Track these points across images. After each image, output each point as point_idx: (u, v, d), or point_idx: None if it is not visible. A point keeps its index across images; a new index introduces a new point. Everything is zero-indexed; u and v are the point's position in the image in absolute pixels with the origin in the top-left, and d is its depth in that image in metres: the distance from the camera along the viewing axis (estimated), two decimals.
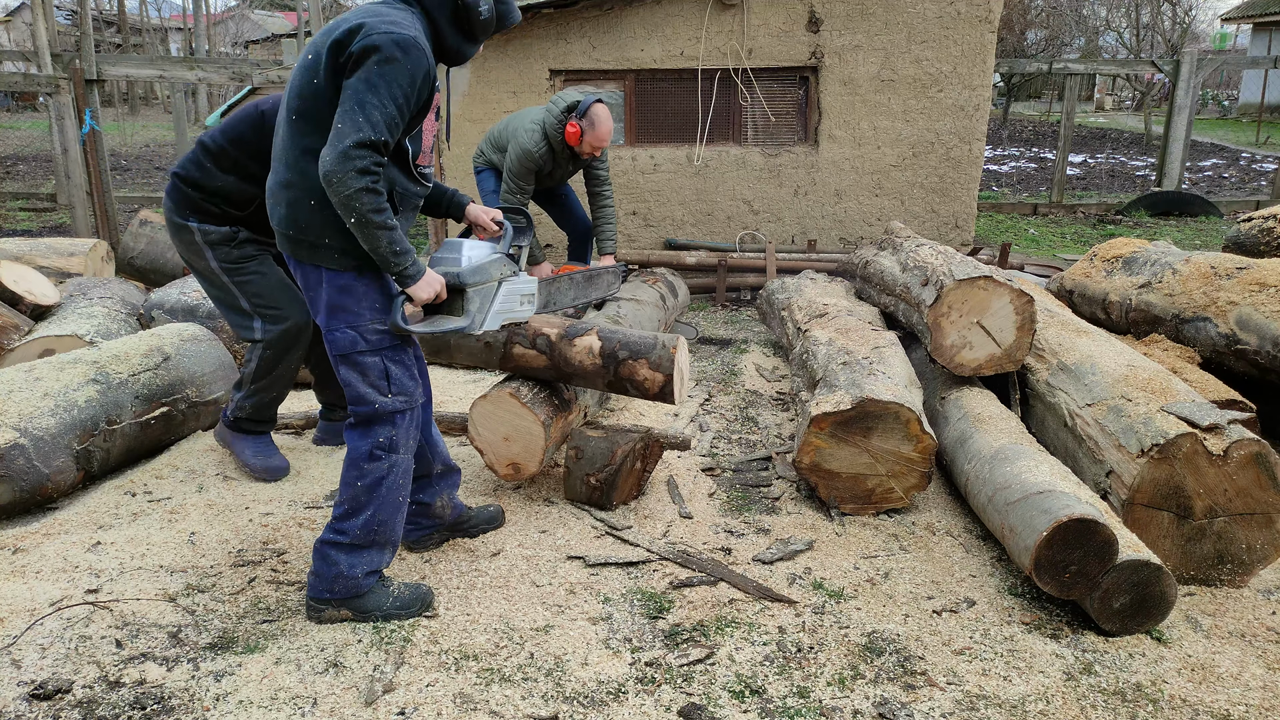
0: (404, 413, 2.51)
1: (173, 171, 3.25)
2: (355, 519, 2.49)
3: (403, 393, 2.49)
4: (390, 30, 2.23)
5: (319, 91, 2.31)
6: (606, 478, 3.24)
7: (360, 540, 2.50)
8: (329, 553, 2.50)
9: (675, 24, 7.17)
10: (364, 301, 2.42)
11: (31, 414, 3.16)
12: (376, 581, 2.57)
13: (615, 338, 3.39)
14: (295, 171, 2.37)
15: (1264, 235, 4.80)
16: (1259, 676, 2.40)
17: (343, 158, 2.18)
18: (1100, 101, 32.07)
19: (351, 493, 2.49)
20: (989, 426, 3.29)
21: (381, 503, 2.51)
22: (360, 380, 2.45)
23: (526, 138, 4.74)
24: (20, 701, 2.16)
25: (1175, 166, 10.75)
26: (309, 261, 2.41)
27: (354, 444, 2.50)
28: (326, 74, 2.29)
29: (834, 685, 2.33)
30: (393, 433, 2.50)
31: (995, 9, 7.14)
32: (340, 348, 2.43)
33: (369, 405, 2.46)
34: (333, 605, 2.53)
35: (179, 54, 29.85)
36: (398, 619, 2.56)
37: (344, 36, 2.26)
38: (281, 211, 2.41)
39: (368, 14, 2.29)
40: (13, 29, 30.03)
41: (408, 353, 2.53)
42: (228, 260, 3.24)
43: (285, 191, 2.40)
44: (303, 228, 2.37)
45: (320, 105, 2.31)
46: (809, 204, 7.52)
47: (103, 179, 7.91)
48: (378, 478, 2.49)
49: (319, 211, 2.36)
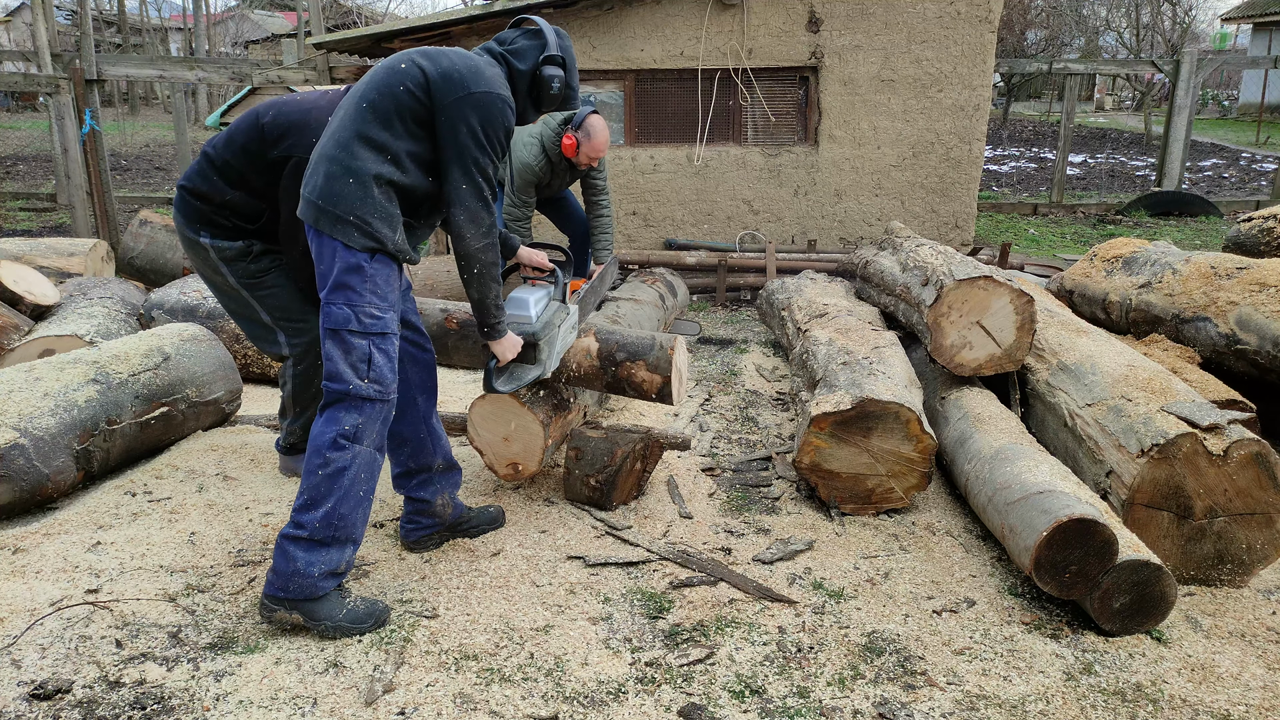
0: (374, 403, 2.50)
1: (179, 184, 3.20)
2: (315, 511, 2.44)
3: (379, 382, 2.50)
4: (489, 89, 2.50)
5: (398, 98, 2.48)
6: (606, 478, 3.24)
7: (319, 535, 2.44)
8: (288, 548, 2.45)
9: (675, 24, 7.17)
10: (368, 284, 2.47)
11: (31, 414, 3.16)
12: (334, 588, 2.50)
13: (613, 339, 3.39)
14: (345, 150, 2.47)
15: (1264, 235, 4.80)
16: (1259, 676, 2.40)
17: (474, 219, 2.53)
18: (1100, 101, 32.07)
19: (312, 481, 2.46)
20: (989, 426, 3.29)
21: (343, 495, 2.46)
22: (342, 358, 2.47)
23: (525, 152, 4.82)
24: (20, 701, 2.16)
25: (1175, 166, 10.75)
26: (328, 233, 2.46)
27: (319, 430, 2.48)
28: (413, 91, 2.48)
29: (834, 685, 2.33)
30: (359, 420, 2.48)
31: (995, 9, 7.14)
32: (334, 321, 2.47)
33: (343, 384, 2.47)
34: (285, 606, 2.46)
35: (179, 54, 29.86)
36: (346, 634, 2.48)
37: (439, 78, 2.48)
38: (318, 181, 2.48)
39: (468, 67, 2.53)
40: (13, 29, 30.03)
41: (394, 345, 2.55)
42: (246, 275, 3.17)
43: (328, 164, 2.48)
44: (333, 200, 2.45)
45: (394, 108, 2.48)
46: (809, 204, 7.52)
47: (103, 179, 7.91)
48: (340, 468, 2.46)
49: (355, 189, 2.45)
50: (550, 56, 2.68)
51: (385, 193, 2.48)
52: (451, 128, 2.48)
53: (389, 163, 2.48)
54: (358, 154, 2.46)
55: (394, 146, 2.49)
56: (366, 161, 2.46)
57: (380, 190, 2.47)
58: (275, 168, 2.99)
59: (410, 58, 2.54)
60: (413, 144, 2.51)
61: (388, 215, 2.48)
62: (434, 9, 52.01)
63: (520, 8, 6.93)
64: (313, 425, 2.53)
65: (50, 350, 4.21)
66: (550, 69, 2.68)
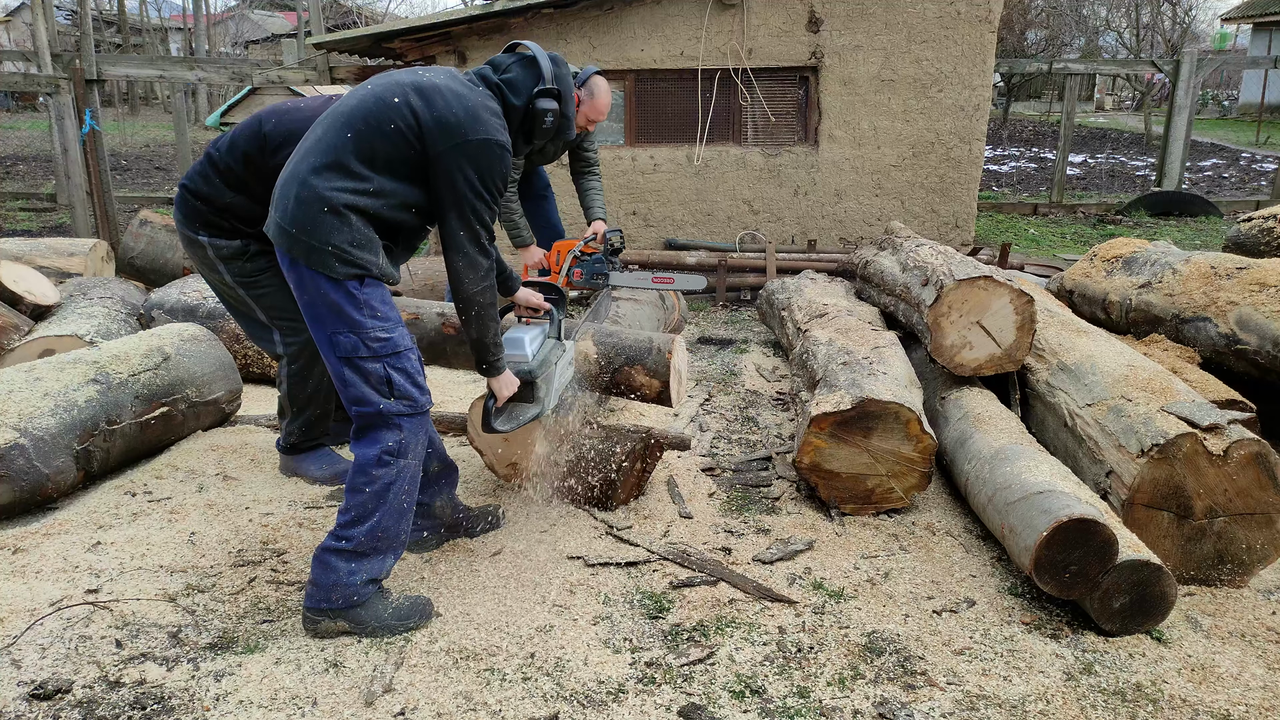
0: (408, 417, 2.49)
1: (181, 184, 3.22)
2: (361, 526, 2.45)
3: (406, 397, 2.47)
4: (488, 136, 2.42)
5: (385, 135, 2.39)
6: (605, 478, 3.24)
7: (364, 547, 2.46)
8: (329, 560, 2.45)
9: (675, 24, 7.17)
10: (365, 309, 2.41)
11: (31, 414, 3.16)
12: (375, 591, 2.52)
13: (610, 342, 3.38)
14: (319, 176, 2.37)
15: (1264, 235, 4.80)
16: (1259, 676, 2.40)
17: (472, 265, 2.48)
18: (1100, 101, 32.07)
19: (359, 499, 2.45)
20: (989, 426, 3.29)
21: (388, 509, 2.48)
22: (362, 382, 2.44)
23: None
24: (20, 701, 2.16)
25: (1175, 166, 10.76)
26: (306, 263, 2.39)
27: (360, 451, 2.48)
28: (400, 129, 2.39)
29: (834, 685, 2.33)
30: (400, 437, 2.47)
31: (995, 9, 7.14)
32: (343, 350, 2.43)
33: (372, 406, 2.44)
34: (329, 616, 2.46)
35: (179, 54, 29.85)
36: (393, 632, 2.50)
37: (433, 123, 2.38)
38: (289, 205, 2.38)
39: (466, 112, 2.42)
40: (13, 29, 30.01)
41: (411, 360, 2.52)
42: (242, 275, 3.20)
43: (299, 187, 2.38)
44: (309, 230, 2.36)
45: (376, 141, 2.39)
46: (809, 204, 7.52)
47: (103, 179, 7.91)
48: (386, 483, 2.46)
49: (331, 219, 2.36)
50: (545, 90, 2.59)
51: (362, 220, 2.40)
52: (448, 176, 2.40)
53: (367, 196, 2.39)
54: (334, 183, 2.37)
55: (374, 181, 2.40)
56: (343, 192, 2.36)
57: (357, 218, 2.39)
58: (276, 175, 2.99)
59: (405, 92, 2.42)
60: (394, 183, 2.42)
61: (367, 241, 2.40)
62: (434, 9, 51.99)
63: (520, 8, 6.93)
64: (353, 446, 2.51)
65: (50, 350, 4.21)
66: (545, 102, 2.59)
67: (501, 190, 2.50)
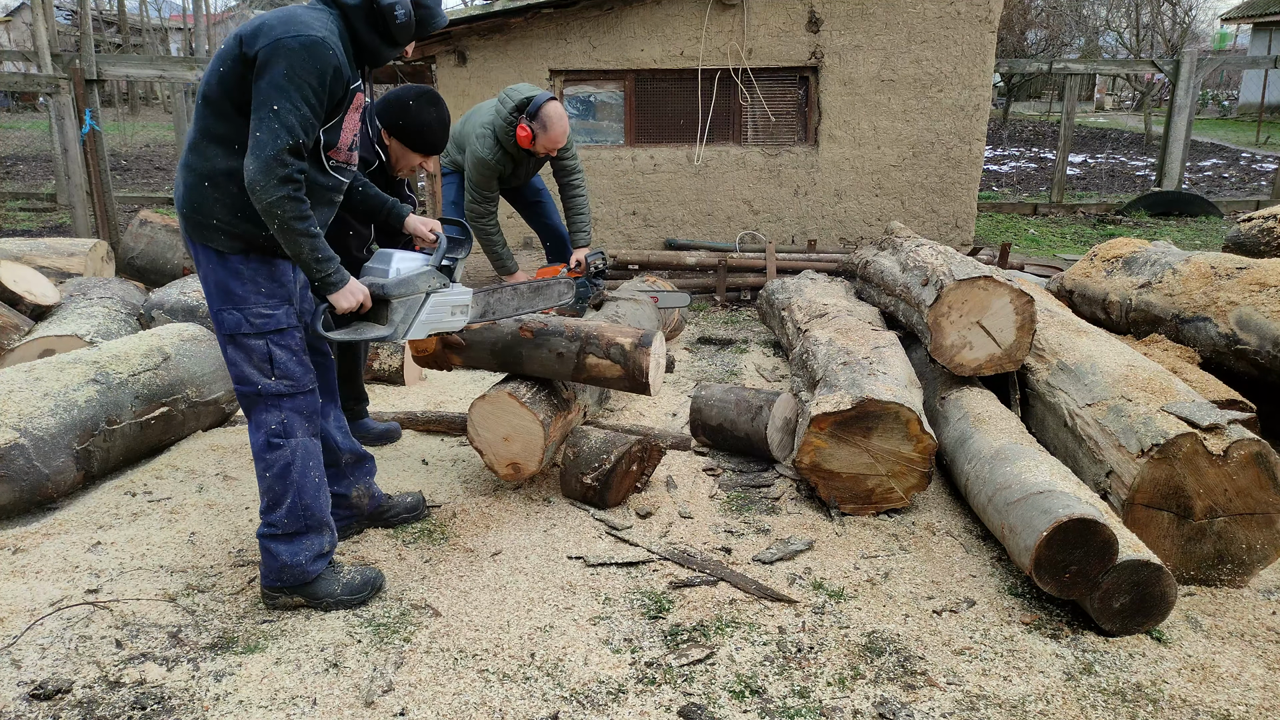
0: (289, 397, 2.53)
1: None
2: (279, 510, 2.55)
3: (287, 376, 2.52)
4: (297, 33, 2.28)
5: (223, 79, 2.35)
6: (602, 477, 3.24)
7: (290, 528, 2.56)
8: (268, 545, 2.57)
9: (675, 24, 7.18)
10: (249, 285, 2.46)
11: (31, 414, 3.16)
12: (326, 567, 2.63)
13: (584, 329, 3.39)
14: (195, 153, 2.43)
15: (1264, 235, 4.80)
16: (1259, 676, 2.40)
17: (265, 168, 2.24)
18: (1100, 101, 32.09)
19: (265, 484, 2.57)
20: (989, 426, 3.29)
21: (298, 488, 2.55)
22: (245, 361, 2.50)
23: (480, 145, 4.40)
24: (20, 701, 2.17)
25: (1175, 166, 10.76)
26: (199, 241, 2.46)
27: (251, 438, 2.57)
28: (231, 65, 2.34)
29: (834, 685, 2.33)
30: (281, 417, 2.53)
31: (995, 9, 7.14)
32: (227, 327, 2.48)
33: (251, 386, 2.50)
34: (285, 593, 2.60)
35: (179, 54, 29.84)
36: (348, 606, 2.63)
37: (250, 35, 2.32)
38: (180, 191, 2.47)
39: (278, 17, 2.35)
40: (13, 29, 30.01)
41: (295, 337, 2.55)
42: None
43: (184, 172, 2.45)
44: (196, 207, 2.43)
45: (222, 93, 2.36)
46: (809, 204, 7.52)
47: (103, 179, 7.91)
48: (285, 464, 2.54)
49: (210, 192, 2.41)
50: None
51: (241, 185, 2.35)
52: (259, 77, 2.28)
53: (237, 153, 2.36)
54: (206, 154, 2.40)
55: (238, 135, 2.36)
56: (215, 160, 2.39)
57: (237, 185, 2.36)
58: None
59: (231, 34, 2.41)
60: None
61: (251, 209, 2.37)
62: None
63: (520, 8, 6.93)
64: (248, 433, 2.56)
65: (50, 350, 4.21)
66: None
67: (317, 91, 2.30)
